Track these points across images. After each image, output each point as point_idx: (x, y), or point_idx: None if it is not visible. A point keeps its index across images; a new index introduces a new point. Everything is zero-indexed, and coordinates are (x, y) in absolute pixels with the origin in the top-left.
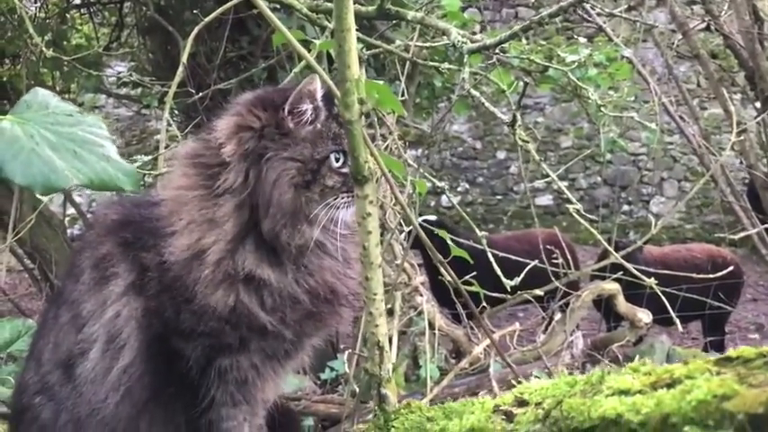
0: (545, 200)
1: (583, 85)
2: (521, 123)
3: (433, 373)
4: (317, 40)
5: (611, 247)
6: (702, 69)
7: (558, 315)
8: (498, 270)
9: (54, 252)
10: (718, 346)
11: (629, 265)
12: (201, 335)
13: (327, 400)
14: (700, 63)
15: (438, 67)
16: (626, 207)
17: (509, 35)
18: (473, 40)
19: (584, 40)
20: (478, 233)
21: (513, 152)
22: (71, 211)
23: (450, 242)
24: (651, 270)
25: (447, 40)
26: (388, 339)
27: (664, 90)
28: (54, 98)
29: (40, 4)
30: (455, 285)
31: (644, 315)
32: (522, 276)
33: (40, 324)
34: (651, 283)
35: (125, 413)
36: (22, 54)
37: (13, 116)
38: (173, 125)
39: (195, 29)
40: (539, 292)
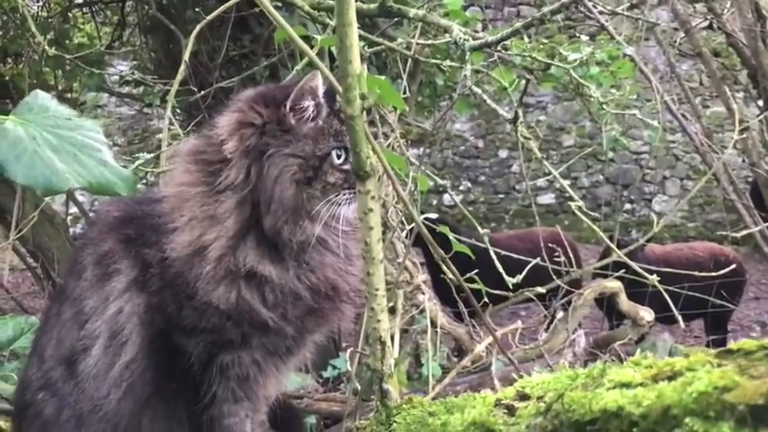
0: (547, 198)
1: (585, 83)
2: (522, 121)
3: (435, 371)
4: (318, 36)
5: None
6: (705, 67)
7: (560, 313)
8: (500, 268)
9: (56, 250)
10: (720, 345)
11: (632, 263)
12: (203, 331)
13: (329, 398)
14: (702, 61)
15: (440, 64)
16: (628, 206)
17: (511, 32)
18: (475, 38)
19: (586, 39)
20: (480, 231)
21: (515, 151)
22: (73, 209)
23: (452, 240)
24: (653, 268)
25: (449, 37)
26: (390, 337)
27: (666, 88)
28: (53, 101)
29: (42, 3)
30: (457, 283)
31: (646, 313)
32: (525, 275)
33: (42, 321)
34: (653, 281)
35: (127, 409)
36: (24, 53)
37: (15, 117)
38: (175, 124)
39: (197, 27)
40: (541, 289)
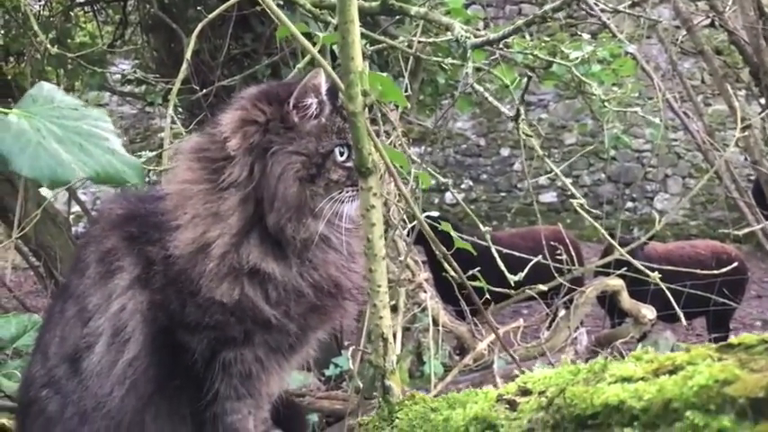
0: (549, 197)
1: (586, 80)
2: (524, 118)
3: (437, 369)
4: (320, 33)
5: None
6: (707, 65)
7: (562, 311)
8: (502, 265)
9: (59, 249)
10: None
11: (634, 261)
12: (206, 328)
13: (332, 396)
14: (704, 59)
15: (441, 62)
16: (630, 204)
17: (513, 29)
18: (477, 36)
19: (587, 37)
20: (482, 229)
21: (517, 149)
22: (76, 208)
23: (454, 236)
24: (655, 266)
25: (450, 35)
26: (393, 335)
27: (668, 86)
28: (59, 92)
29: (44, 2)
30: (459, 280)
31: (648, 311)
32: (527, 273)
33: (46, 318)
34: (655, 278)
35: (130, 406)
36: (26, 52)
37: (19, 110)
38: (177, 122)
39: (199, 26)
40: (543, 287)
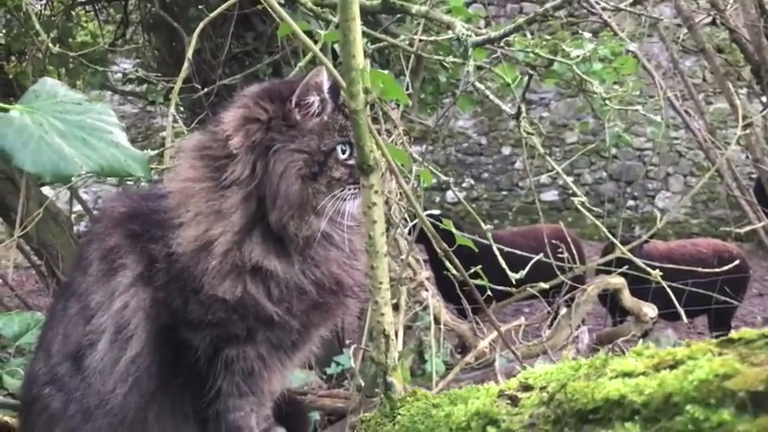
0: (550, 195)
1: (588, 78)
2: (525, 116)
3: (439, 367)
4: (322, 31)
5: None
6: (708, 64)
7: (564, 310)
8: (504, 264)
9: (61, 248)
10: None
11: (636, 259)
12: (209, 325)
13: (333, 394)
14: (705, 57)
15: (443, 61)
16: (631, 202)
17: (514, 27)
18: (478, 34)
19: (588, 35)
20: (484, 227)
21: (519, 148)
22: (78, 207)
23: (456, 233)
24: (657, 264)
25: (452, 33)
26: (394, 333)
27: (669, 85)
28: (62, 87)
29: (45, 2)
30: (460, 278)
31: (649, 309)
32: (528, 271)
33: (48, 316)
34: (657, 275)
35: (133, 403)
36: (27, 51)
37: (21, 105)
38: (179, 121)
39: (200, 25)
40: (544, 285)
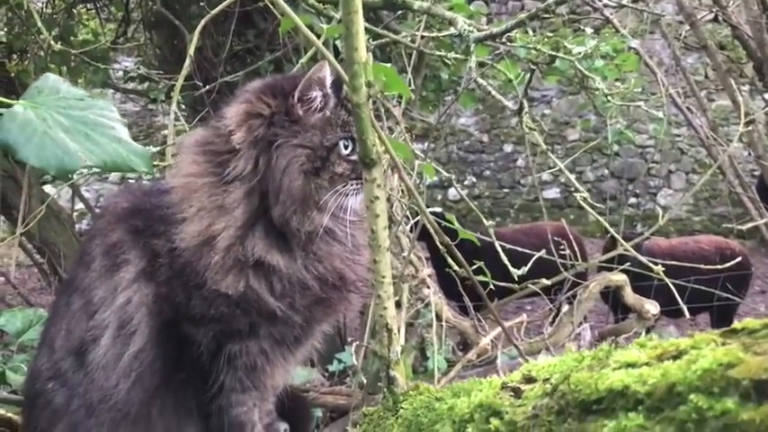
0: (552, 193)
1: (590, 75)
2: (527, 111)
3: (441, 364)
4: (324, 25)
5: (619, 237)
6: (710, 60)
7: (566, 307)
8: (506, 260)
9: (63, 246)
10: None
11: (638, 255)
12: (211, 320)
13: (335, 391)
14: (707, 54)
15: (444, 57)
16: (633, 200)
17: (515, 23)
18: (480, 30)
19: (590, 32)
20: (486, 223)
21: (520, 145)
22: (79, 205)
23: (458, 228)
24: (659, 261)
25: (453, 29)
26: (397, 329)
27: (671, 82)
28: (64, 83)
29: (47, 0)
30: (462, 274)
31: (651, 306)
32: (531, 269)
33: (51, 312)
34: (659, 270)
35: (137, 399)
36: (29, 49)
37: (25, 101)
38: (180, 119)
39: (201, 22)
40: (546, 281)
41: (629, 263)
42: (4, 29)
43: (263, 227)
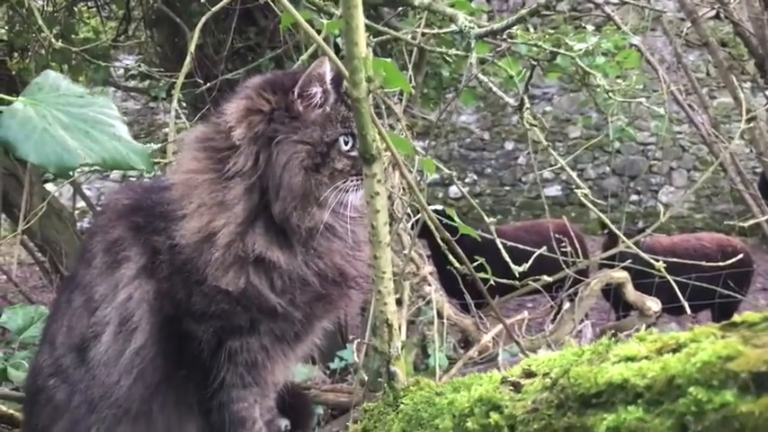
0: (553, 190)
1: (591, 71)
2: (528, 107)
3: (442, 362)
4: (324, 21)
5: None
6: (712, 57)
7: (567, 304)
8: (507, 257)
9: (64, 244)
10: None
11: (640, 252)
12: (212, 317)
13: (336, 389)
14: (709, 51)
15: (445, 54)
16: (635, 197)
17: (516, 19)
18: (480, 26)
19: (592, 29)
20: (487, 221)
21: (522, 143)
22: (81, 203)
23: (458, 224)
24: (660, 258)
25: (454, 26)
26: (397, 325)
27: (673, 79)
28: (64, 80)
29: None
30: (463, 272)
31: (653, 303)
32: (532, 266)
33: (53, 308)
34: (661, 267)
35: (138, 395)
36: (30, 47)
37: (25, 98)
38: (181, 117)
39: (202, 20)
40: (547, 278)
41: (630, 260)
42: (6, 27)
43: (263, 223)
